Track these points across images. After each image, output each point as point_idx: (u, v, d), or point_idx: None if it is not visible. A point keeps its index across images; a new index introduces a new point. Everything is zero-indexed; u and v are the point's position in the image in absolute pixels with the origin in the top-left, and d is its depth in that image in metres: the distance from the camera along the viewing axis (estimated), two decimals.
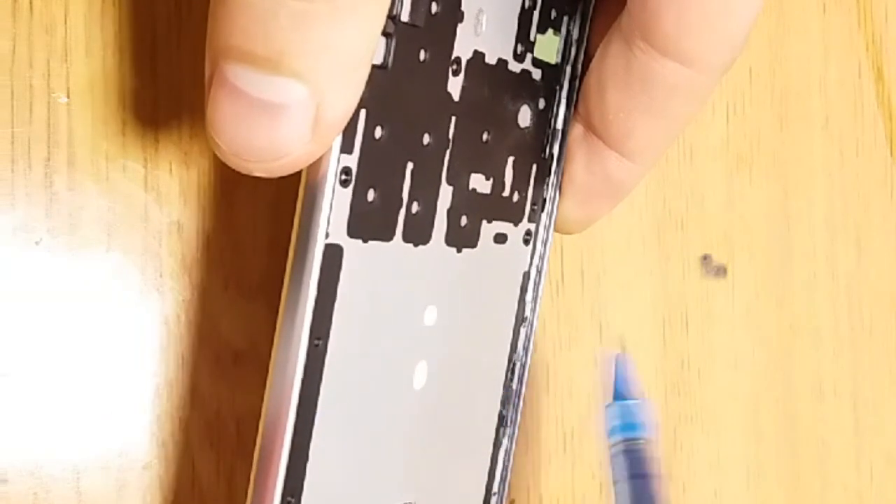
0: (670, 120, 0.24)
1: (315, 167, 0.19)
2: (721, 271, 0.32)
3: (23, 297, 0.23)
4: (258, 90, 0.18)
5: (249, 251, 0.25)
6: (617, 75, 0.24)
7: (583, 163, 0.26)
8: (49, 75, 0.23)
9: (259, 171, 0.18)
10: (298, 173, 0.20)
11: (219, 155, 0.18)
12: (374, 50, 0.19)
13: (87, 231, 0.24)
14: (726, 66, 0.24)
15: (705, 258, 0.32)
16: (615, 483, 0.25)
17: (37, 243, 0.23)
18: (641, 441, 0.25)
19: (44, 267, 0.24)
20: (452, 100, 0.23)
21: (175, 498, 0.25)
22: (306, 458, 0.20)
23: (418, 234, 0.22)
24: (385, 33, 0.20)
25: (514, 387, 0.26)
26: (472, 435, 0.26)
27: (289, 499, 0.20)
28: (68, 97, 0.24)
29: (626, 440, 0.25)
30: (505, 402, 0.26)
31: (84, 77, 0.24)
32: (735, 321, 0.32)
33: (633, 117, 0.24)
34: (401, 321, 0.23)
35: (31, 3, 0.23)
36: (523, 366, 0.27)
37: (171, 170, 0.25)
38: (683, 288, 0.31)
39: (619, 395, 0.26)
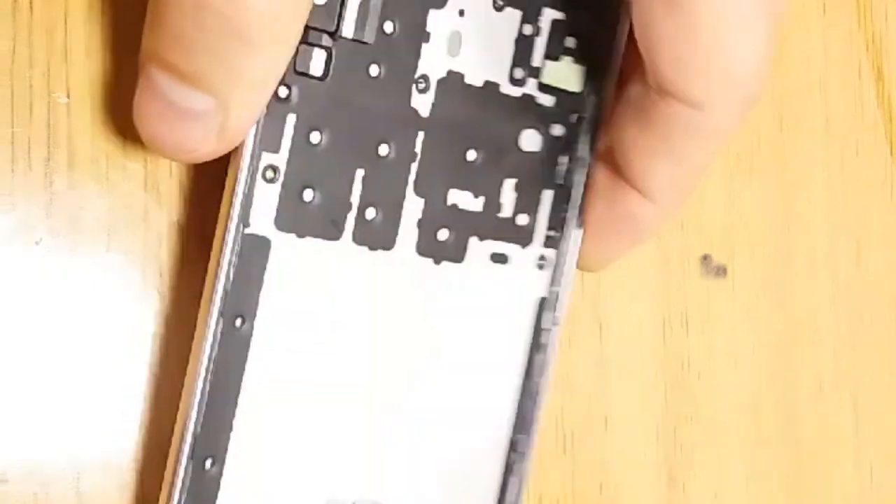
0: (689, 163, 0.23)
1: (235, 163, 0.22)
2: (721, 271, 0.32)
3: (23, 297, 0.23)
4: (176, 96, 0.21)
5: None
6: (637, 114, 0.23)
7: (605, 199, 0.25)
8: (49, 75, 0.23)
9: (173, 160, 0.23)
10: None
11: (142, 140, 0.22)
12: (280, 77, 0.21)
13: (87, 231, 0.24)
14: (738, 108, 0.22)
15: (705, 258, 0.32)
16: None
17: (37, 243, 0.23)
18: None
19: (44, 267, 0.24)
20: (419, 115, 0.24)
21: None
22: (229, 429, 0.22)
23: (375, 238, 0.24)
24: (323, 47, 0.22)
25: (531, 414, 0.26)
26: (468, 453, 0.26)
27: (207, 461, 0.22)
28: (68, 97, 0.24)
29: None
30: (519, 429, 0.26)
31: (84, 77, 0.24)
32: (735, 321, 0.32)
33: (652, 158, 0.24)
34: (358, 320, 0.24)
35: (31, 3, 0.23)
36: (540, 393, 0.26)
37: (170, 170, 0.25)
38: (683, 288, 0.31)
39: None
